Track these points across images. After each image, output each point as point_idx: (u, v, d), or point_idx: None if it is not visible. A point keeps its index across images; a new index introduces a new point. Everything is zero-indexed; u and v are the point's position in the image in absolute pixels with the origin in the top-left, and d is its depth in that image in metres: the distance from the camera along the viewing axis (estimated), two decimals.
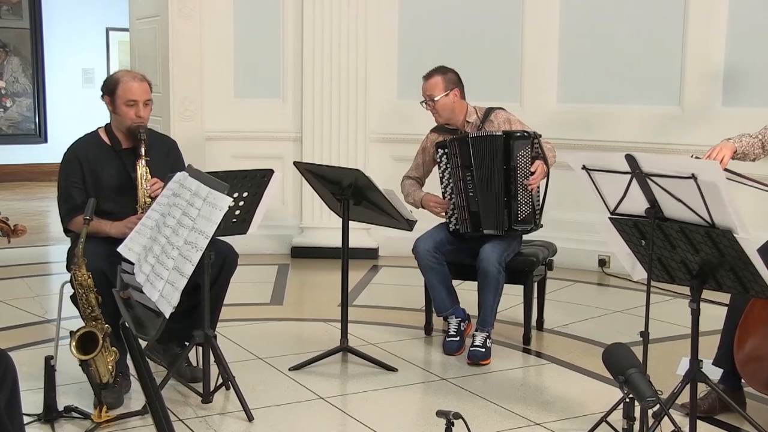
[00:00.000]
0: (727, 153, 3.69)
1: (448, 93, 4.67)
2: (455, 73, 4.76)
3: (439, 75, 4.71)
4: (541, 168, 4.54)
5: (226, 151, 7.10)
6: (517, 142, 4.52)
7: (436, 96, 4.67)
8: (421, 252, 4.67)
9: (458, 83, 4.74)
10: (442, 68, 4.78)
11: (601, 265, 6.66)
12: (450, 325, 4.74)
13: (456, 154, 4.62)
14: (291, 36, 7.13)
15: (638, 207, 3.31)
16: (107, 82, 4.13)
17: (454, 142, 4.63)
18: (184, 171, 3.56)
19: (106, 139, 4.14)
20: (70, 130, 6.94)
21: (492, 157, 4.56)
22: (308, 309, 5.80)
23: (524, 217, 4.58)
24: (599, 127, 6.65)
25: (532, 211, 4.59)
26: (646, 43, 6.53)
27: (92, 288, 3.61)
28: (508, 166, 4.54)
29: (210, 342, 3.80)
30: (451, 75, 4.74)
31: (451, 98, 4.68)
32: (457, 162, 4.62)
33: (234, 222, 3.94)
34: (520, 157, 4.52)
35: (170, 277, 3.22)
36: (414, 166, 4.97)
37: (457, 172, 4.63)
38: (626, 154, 3.27)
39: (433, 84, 4.70)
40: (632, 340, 3.73)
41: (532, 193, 4.57)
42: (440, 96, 4.67)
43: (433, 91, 4.69)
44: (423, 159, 4.93)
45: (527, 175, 4.53)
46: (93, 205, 3.62)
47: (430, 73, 4.76)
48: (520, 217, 4.58)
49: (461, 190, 4.64)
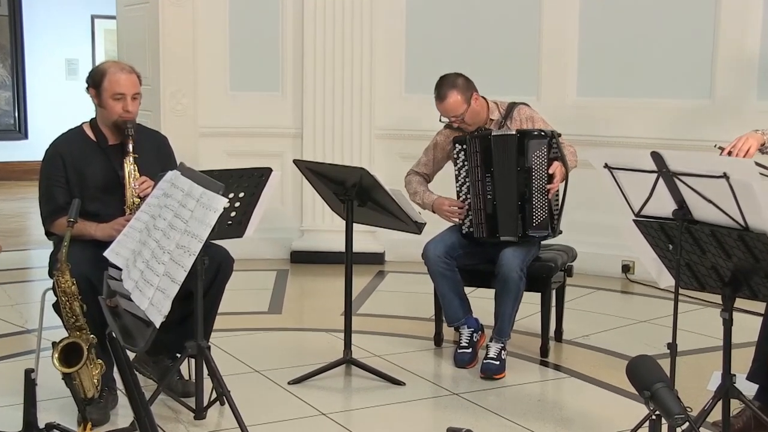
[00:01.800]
0: (754, 144, 3.65)
1: (470, 103, 4.62)
2: (464, 78, 4.67)
3: (453, 90, 4.59)
4: (560, 170, 4.53)
5: (221, 148, 7.11)
6: (532, 142, 4.52)
7: (461, 113, 4.61)
8: (431, 257, 4.67)
9: (472, 86, 4.67)
10: (451, 80, 4.65)
11: (624, 271, 6.65)
12: (462, 335, 4.74)
13: (476, 153, 4.61)
14: (291, 25, 7.13)
15: (665, 208, 3.30)
16: (93, 74, 4.13)
17: (475, 139, 4.61)
18: (175, 169, 3.56)
19: (91, 135, 4.14)
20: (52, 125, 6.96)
21: (509, 158, 4.55)
22: (309, 318, 5.80)
23: (539, 222, 4.58)
24: (622, 122, 6.64)
25: (548, 216, 4.58)
26: (674, 31, 6.52)
27: (76, 295, 3.61)
28: (523, 168, 4.53)
29: (203, 354, 3.80)
30: (462, 82, 4.64)
31: (474, 106, 4.64)
32: (477, 161, 4.61)
33: (229, 224, 3.94)
34: (535, 157, 4.51)
35: (161, 283, 3.23)
36: (423, 161, 4.96)
37: (476, 171, 4.62)
38: (652, 151, 3.26)
39: (453, 104, 4.60)
40: (659, 353, 3.72)
41: (548, 196, 4.56)
42: (465, 111, 4.62)
43: (456, 111, 4.61)
44: (434, 155, 4.93)
45: (543, 178, 4.52)
46: (77, 206, 3.62)
47: (443, 91, 4.62)
48: (534, 222, 4.58)
49: (479, 192, 4.64)
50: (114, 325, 3.42)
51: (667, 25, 6.54)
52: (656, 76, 6.60)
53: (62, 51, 12.60)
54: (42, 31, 12.42)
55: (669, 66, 6.55)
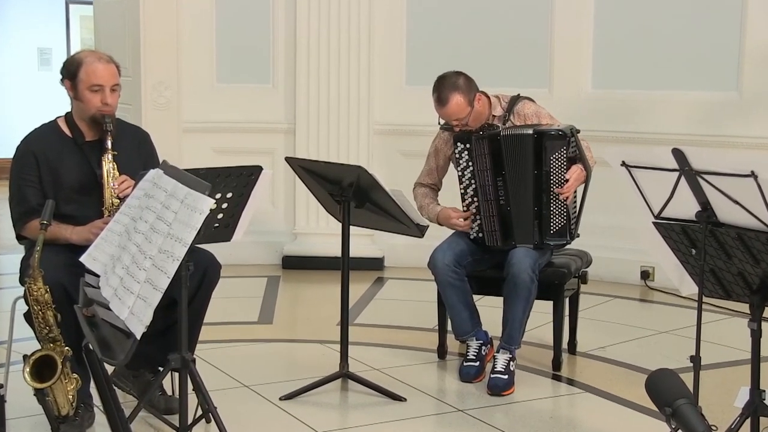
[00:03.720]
0: None
1: (474, 106, 4.61)
2: (465, 77, 4.63)
3: (455, 93, 4.55)
4: (578, 174, 4.53)
5: (207, 145, 7.11)
6: (551, 143, 4.50)
7: (464, 117, 4.59)
8: (439, 266, 4.66)
9: (474, 86, 4.64)
10: (451, 81, 4.59)
11: (643, 277, 6.65)
12: (469, 347, 4.74)
13: (484, 155, 4.59)
14: (283, 11, 7.13)
15: (687, 210, 3.31)
16: (68, 64, 4.13)
17: (483, 140, 4.60)
18: (158, 168, 3.56)
19: (66, 131, 4.14)
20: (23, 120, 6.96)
21: (524, 160, 4.55)
22: (302, 328, 5.80)
23: (558, 229, 4.58)
24: (641, 116, 6.65)
25: (566, 222, 4.59)
26: (699, 17, 6.52)
27: (50, 304, 3.61)
28: (540, 171, 4.53)
29: (188, 367, 3.80)
30: (464, 83, 4.60)
31: (477, 108, 4.63)
32: (486, 163, 4.60)
33: (216, 227, 3.94)
34: (553, 160, 4.51)
35: (142, 291, 3.23)
36: (426, 171, 4.96)
37: (485, 175, 4.61)
38: (673, 148, 3.26)
39: (455, 108, 4.56)
40: (681, 366, 3.72)
41: (566, 201, 4.56)
42: (468, 113, 4.60)
43: (459, 115, 4.58)
44: (437, 162, 4.91)
45: (561, 182, 4.52)
46: (51, 208, 3.62)
47: (444, 94, 4.56)
48: (552, 229, 4.58)
49: (489, 197, 4.64)
50: (91, 336, 3.41)
51: (691, 12, 6.54)
52: (679, 67, 6.59)
53: (34, 39, 12.60)
54: (12, 17, 12.43)
55: (693, 56, 6.55)
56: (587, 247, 5.10)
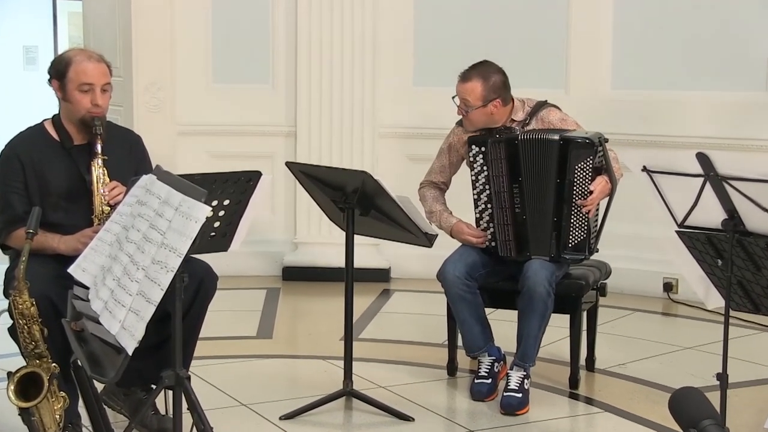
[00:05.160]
0: None
1: (487, 104, 4.63)
2: (501, 75, 4.67)
3: (479, 80, 4.61)
4: (603, 186, 4.52)
5: (203, 149, 7.12)
6: (577, 152, 4.50)
7: (470, 105, 4.62)
8: (450, 279, 4.66)
9: (502, 89, 4.65)
10: (485, 69, 4.67)
11: (666, 290, 6.65)
12: (481, 364, 4.74)
13: (500, 159, 4.59)
14: (283, 6, 7.14)
15: (713, 218, 3.31)
16: (56, 63, 4.14)
17: (499, 144, 4.60)
18: (150, 173, 3.57)
19: (53, 134, 4.15)
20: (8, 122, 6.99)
21: (545, 167, 4.55)
22: (303, 344, 5.80)
23: (576, 243, 4.58)
24: (663, 118, 6.64)
25: (586, 236, 4.59)
26: (723, 14, 6.52)
27: (36, 318, 3.62)
28: (562, 181, 4.54)
29: (182, 385, 3.80)
30: (496, 80, 4.64)
31: (489, 110, 4.64)
32: (501, 169, 4.60)
33: (213, 236, 3.95)
34: (578, 170, 4.51)
35: (134, 304, 3.23)
36: (437, 168, 4.96)
37: (501, 181, 4.61)
38: (698, 152, 3.27)
39: (469, 89, 4.62)
40: (707, 384, 3.72)
41: (588, 214, 4.56)
42: (476, 107, 4.63)
43: (468, 98, 4.63)
44: (449, 159, 4.93)
45: (585, 194, 4.52)
46: (38, 216, 3.62)
47: (469, 73, 4.65)
48: (571, 243, 4.58)
49: (504, 204, 4.64)
50: (80, 351, 3.42)
51: (716, 6, 6.53)
52: (704, 66, 6.59)
53: (19, 37, 12.63)
54: None
55: (718, 53, 6.54)
56: (606, 258, 5.09)
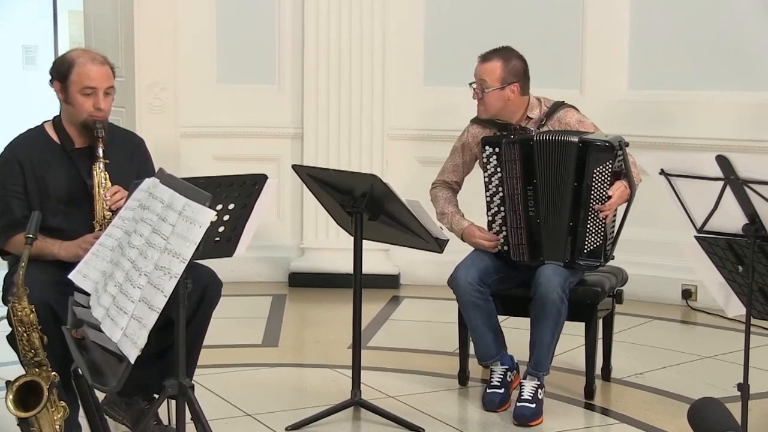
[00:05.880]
0: None
1: (504, 87, 4.65)
2: (522, 62, 4.72)
3: (499, 60, 4.67)
4: (622, 191, 4.52)
5: (207, 151, 7.13)
6: (596, 155, 4.49)
7: (487, 86, 4.65)
8: (462, 285, 4.65)
9: (521, 76, 4.70)
10: (507, 52, 4.73)
11: (685, 297, 6.63)
12: (493, 373, 4.74)
13: (515, 161, 4.59)
14: (290, 4, 7.14)
15: (733, 223, 3.30)
16: (58, 64, 4.15)
17: (514, 144, 4.60)
18: (153, 177, 3.57)
19: (54, 137, 4.16)
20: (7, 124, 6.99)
21: (561, 169, 4.55)
22: (310, 352, 5.80)
23: (592, 249, 4.57)
24: (682, 119, 6.63)
25: (602, 242, 4.58)
26: (743, 10, 6.50)
27: (36, 325, 3.62)
28: (580, 184, 4.53)
29: (186, 394, 3.80)
30: (516, 64, 4.70)
31: (506, 94, 4.66)
32: (516, 171, 4.60)
33: (217, 242, 3.95)
34: (597, 174, 4.50)
35: (136, 311, 3.23)
36: (450, 167, 4.96)
37: (515, 183, 4.62)
38: (717, 155, 3.26)
39: (488, 69, 4.67)
40: (727, 395, 3.71)
41: (605, 219, 4.55)
42: (492, 89, 4.65)
43: (485, 78, 4.66)
44: (462, 158, 4.93)
45: (603, 199, 4.51)
46: (38, 220, 3.63)
47: (490, 54, 4.72)
48: (586, 249, 4.57)
49: (518, 207, 4.64)
50: (80, 360, 3.42)
51: (736, 5, 6.52)
52: (724, 65, 6.57)
53: (18, 36, 12.64)
54: None
55: (739, 52, 6.52)
56: (623, 264, 5.08)
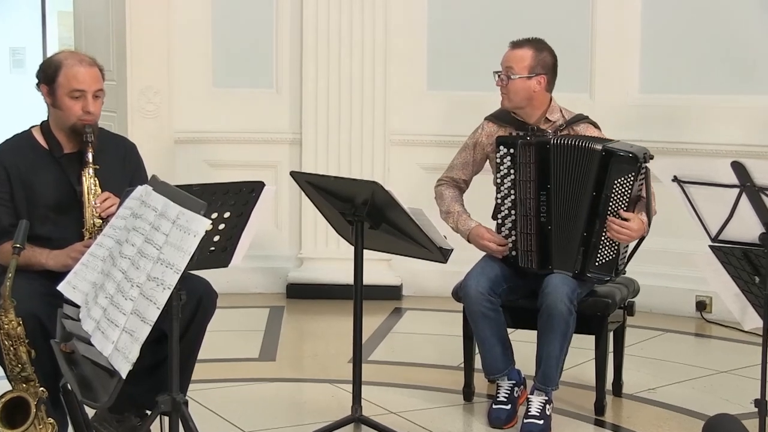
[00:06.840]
0: None
1: (532, 77, 4.68)
2: (553, 56, 4.77)
3: (531, 49, 4.73)
4: (639, 226, 4.50)
5: (202, 158, 7.14)
6: (619, 165, 4.48)
7: (515, 72, 4.68)
8: (472, 295, 4.64)
9: (550, 70, 4.75)
10: (540, 42, 4.79)
11: (699, 309, 6.63)
12: (500, 388, 4.73)
13: (529, 163, 4.59)
14: (288, 6, 7.15)
15: (750, 232, 3.30)
16: (45, 67, 4.15)
17: (530, 147, 4.60)
18: (146, 184, 3.57)
19: (42, 142, 4.16)
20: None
21: (580, 177, 4.54)
22: (309, 366, 5.80)
23: (604, 262, 4.57)
24: (696, 124, 6.64)
25: (615, 257, 4.58)
26: (758, 12, 6.50)
27: (23, 339, 3.62)
28: (599, 194, 4.53)
29: (179, 410, 3.80)
30: (547, 57, 4.75)
31: (533, 84, 4.69)
32: (529, 173, 4.60)
33: (212, 251, 3.95)
34: (617, 185, 4.49)
35: (128, 324, 3.23)
36: (459, 164, 4.96)
37: (527, 186, 4.62)
38: (733, 161, 3.26)
39: (518, 56, 4.72)
40: (743, 411, 3.71)
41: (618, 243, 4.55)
42: (519, 77, 4.68)
43: (514, 65, 4.70)
44: (474, 156, 4.93)
45: (618, 211, 4.49)
46: (25, 229, 3.62)
47: (522, 42, 4.77)
48: (598, 261, 4.57)
49: (529, 212, 4.64)
50: (69, 375, 3.42)
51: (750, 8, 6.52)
52: (738, 69, 6.58)
53: (5, 38, 12.66)
54: None
55: (754, 56, 6.53)
56: (634, 274, 5.07)
